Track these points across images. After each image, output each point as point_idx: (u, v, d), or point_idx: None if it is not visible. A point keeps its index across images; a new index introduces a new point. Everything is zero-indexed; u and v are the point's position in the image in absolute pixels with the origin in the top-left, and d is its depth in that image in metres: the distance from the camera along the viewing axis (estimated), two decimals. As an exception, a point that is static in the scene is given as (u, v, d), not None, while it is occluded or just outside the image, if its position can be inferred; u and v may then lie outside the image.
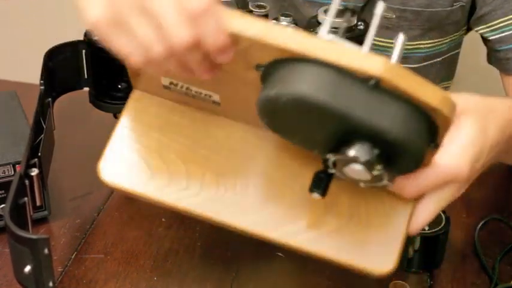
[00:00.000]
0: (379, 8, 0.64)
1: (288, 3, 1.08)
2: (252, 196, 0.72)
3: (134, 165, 0.73)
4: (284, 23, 0.87)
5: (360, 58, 0.59)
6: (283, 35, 0.60)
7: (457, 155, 0.68)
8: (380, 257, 0.70)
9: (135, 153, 0.73)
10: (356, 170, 0.63)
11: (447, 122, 0.63)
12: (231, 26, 0.60)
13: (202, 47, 0.60)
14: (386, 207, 0.71)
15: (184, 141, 0.73)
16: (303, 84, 0.59)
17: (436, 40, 1.09)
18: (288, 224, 0.71)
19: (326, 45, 0.60)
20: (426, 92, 0.61)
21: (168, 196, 0.72)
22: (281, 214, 0.71)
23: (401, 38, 0.63)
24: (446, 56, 1.14)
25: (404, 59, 1.09)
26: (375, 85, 0.59)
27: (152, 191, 0.72)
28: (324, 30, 0.62)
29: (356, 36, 0.88)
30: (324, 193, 0.67)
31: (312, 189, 0.67)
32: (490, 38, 1.03)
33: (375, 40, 1.07)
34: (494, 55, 1.05)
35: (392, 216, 0.70)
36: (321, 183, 0.66)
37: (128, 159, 0.73)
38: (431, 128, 0.63)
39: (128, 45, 0.60)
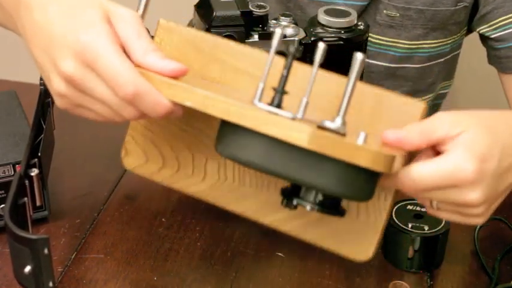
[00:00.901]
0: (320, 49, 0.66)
1: (294, 4, 1.08)
2: (248, 184, 0.80)
3: (149, 154, 0.82)
4: (284, 23, 0.87)
5: (287, 128, 0.62)
6: (219, 106, 0.65)
7: (458, 154, 0.67)
8: (360, 247, 0.76)
9: (149, 142, 0.82)
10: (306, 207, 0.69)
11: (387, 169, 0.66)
12: (168, 98, 0.66)
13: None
14: (367, 202, 0.75)
15: (191, 131, 0.80)
16: (240, 149, 0.65)
17: (439, 40, 1.09)
18: (278, 212, 0.78)
19: (258, 116, 0.63)
20: (356, 152, 0.63)
21: (178, 183, 0.82)
22: (273, 202, 0.78)
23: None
24: (449, 56, 1.14)
25: (408, 58, 1.10)
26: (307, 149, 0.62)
27: (164, 178, 0.82)
28: (256, 100, 0.65)
29: (356, 35, 0.88)
30: (295, 208, 0.71)
31: (285, 205, 0.72)
32: (492, 36, 1.03)
33: (378, 39, 1.09)
34: (494, 54, 1.05)
35: (371, 210, 0.75)
36: (290, 200, 0.71)
37: (143, 149, 0.82)
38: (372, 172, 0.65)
39: (91, 115, 0.71)
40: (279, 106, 0.64)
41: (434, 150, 0.69)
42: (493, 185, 0.68)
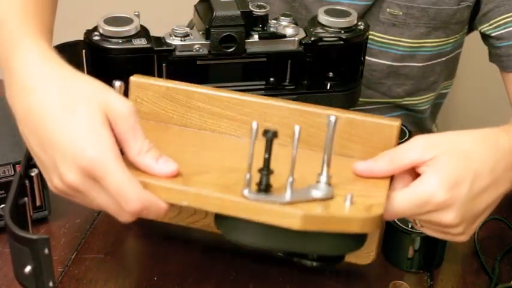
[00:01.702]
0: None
1: (299, 4, 1.08)
2: None
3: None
4: (284, 22, 0.87)
5: (279, 216, 0.65)
6: (213, 203, 0.67)
7: (430, 182, 0.69)
8: (361, 253, 0.79)
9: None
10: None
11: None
12: (165, 201, 0.68)
13: None
14: None
15: None
16: (241, 234, 0.69)
17: (441, 39, 1.10)
18: None
19: (250, 208, 0.66)
20: (347, 222, 0.66)
21: (183, 221, 0.86)
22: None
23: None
24: (450, 56, 1.15)
25: (411, 57, 1.10)
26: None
27: (169, 219, 0.85)
28: (246, 190, 0.67)
29: (356, 35, 0.88)
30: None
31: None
32: (492, 34, 1.04)
33: (381, 37, 1.09)
34: (495, 53, 1.05)
35: None
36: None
37: None
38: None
39: (84, 203, 0.71)
40: (267, 186, 0.67)
41: (413, 170, 0.72)
42: (467, 207, 0.71)
